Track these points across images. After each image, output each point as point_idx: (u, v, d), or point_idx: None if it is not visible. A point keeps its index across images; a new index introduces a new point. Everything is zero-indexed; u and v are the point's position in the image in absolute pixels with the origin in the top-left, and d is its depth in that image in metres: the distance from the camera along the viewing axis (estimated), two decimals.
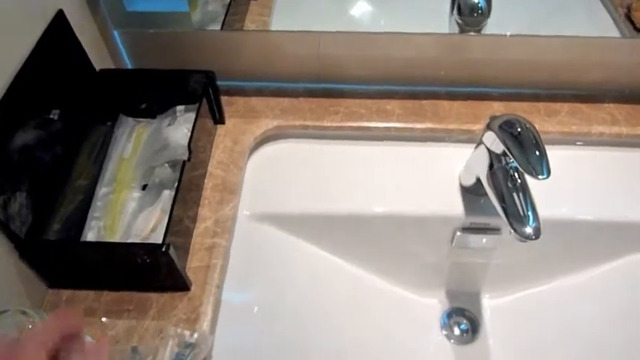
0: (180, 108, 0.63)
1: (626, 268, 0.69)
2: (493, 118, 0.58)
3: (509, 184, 0.55)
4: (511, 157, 0.52)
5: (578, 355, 0.68)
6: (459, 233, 0.68)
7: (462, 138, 0.71)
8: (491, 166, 0.58)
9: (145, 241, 0.55)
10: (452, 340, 0.73)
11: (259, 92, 0.74)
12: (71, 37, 0.57)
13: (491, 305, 0.76)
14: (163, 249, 0.48)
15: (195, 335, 0.51)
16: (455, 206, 0.66)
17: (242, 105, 0.72)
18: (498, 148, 0.56)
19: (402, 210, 0.66)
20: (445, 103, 0.73)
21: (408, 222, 0.67)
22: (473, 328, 0.75)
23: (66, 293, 0.55)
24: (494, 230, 0.67)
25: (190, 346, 0.50)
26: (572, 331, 0.70)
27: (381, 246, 0.70)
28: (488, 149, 0.58)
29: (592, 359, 0.67)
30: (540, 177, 0.49)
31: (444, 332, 0.74)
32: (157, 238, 0.52)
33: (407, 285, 0.74)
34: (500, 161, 0.57)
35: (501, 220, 0.64)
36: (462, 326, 0.75)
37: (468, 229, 0.67)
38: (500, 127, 0.55)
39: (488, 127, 0.57)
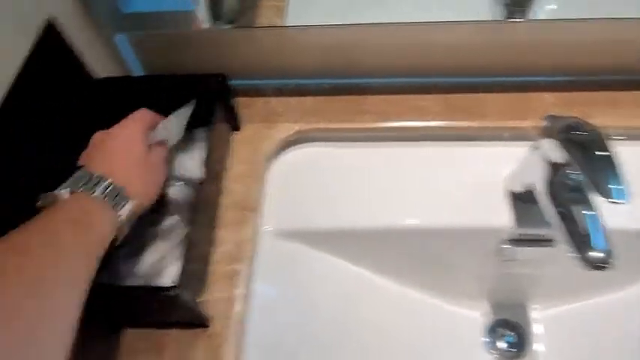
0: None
1: None
2: (551, 119, 0.50)
3: (574, 201, 0.48)
4: (577, 171, 0.45)
5: None
6: (506, 246, 0.60)
7: (508, 136, 0.62)
8: (549, 176, 0.51)
9: (154, 279, 0.49)
10: (496, 355, 0.67)
11: (279, 92, 0.66)
12: (64, 48, 0.50)
13: (539, 317, 0.69)
14: (172, 292, 0.42)
15: None
16: (502, 216, 0.59)
17: (260, 107, 0.65)
18: (559, 157, 0.48)
19: (442, 222, 0.59)
20: (488, 97, 0.64)
21: (448, 235, 0.60)
22: (519, 341, 0.68)
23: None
24: (547, 242, 0.60)
25: None
26: (626, 346, 0.64)
27: (420, 260, 0.63)
28: (545, 157, 0.50)
29: None
30: (617, 201, 0.41)
31: (488, 347, 0.67)
32: (167, 273, 0.46)
33: (446, 297, 0.68)
34: (560, 172, 0.49)
35: (555, 231, 0.57)
36: (508, 339, 0.69)
37: (517, 241, 0.60)
38: (561, 133, 0.47)
39: (547, 133, 0.49)
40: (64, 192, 0.39)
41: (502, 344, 0.68)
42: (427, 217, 0.60)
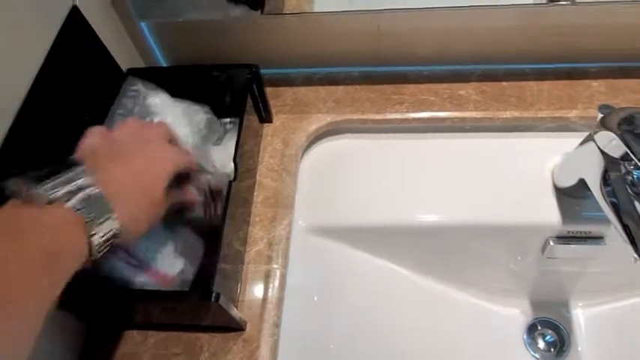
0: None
1: None
2: (605, 109, 0.47)
3: (635, 196, 0.44)
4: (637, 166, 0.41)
5: None
6: (552, 243, 0.57)
7: (554, 126, 0.59)
8: (604, 170, 0.47)
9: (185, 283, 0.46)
10: (536, 354, 0.64)
11: (308, 81, 0.63)
12: (90, 36, 0.48)
13: (581, 316, 0.66)
14: (213, 298, 0.40)
15: None
16: (548, 212, 0.55)
17: (290, 97, 0.62)
18: (617, 151, 0.45)
19: (483, 218, 0.56)
20: (532, 85, 0.60)
21: (489, 232, 0.57)
22: (560, 340, 0.65)
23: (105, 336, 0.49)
24: (596, 239, 0.56)
25: None
26: None
27: (458, 257, 0.60)
28: (601, 150, 0.47)
29: None
30: None
31: (528, 346, 0.65)
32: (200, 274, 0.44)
33: (486, 295, 0.65)
34: (619, 167, 0.46)
35: (605, 228, 0.53)
36: (548, 338, 0.66)
37: (564, 238, 0.57)
38: (621, 125, 0.43)
39: (603, 125, 0.45)
40: (41, 193, 0.30)
41: (542, 343, 0.65)
42: (467, 213, 0.56)
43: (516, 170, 0.58)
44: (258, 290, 0.50)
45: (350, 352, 0.55)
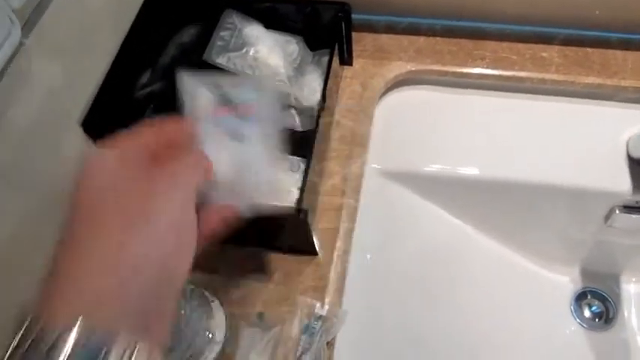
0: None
1: None
2: None
3: None
4: None
5: None
6: (617, 212, 0.58)
7: (635, 97, 0.59)
8: None
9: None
10: (582, 323, 0.65)
11: (390, 29, 0.64)
12: None
13: (633, 291, 0.66)
14: (300, 215, 0.42)
15: (327, 307, 0.46)
16: (619, 180, 0.56)
17: (370, 43, 0.63)
18: None
19: (551, 179, 0.57)
20: (618, 54, 0.60)
21: (557, 193, 0.58)
22: (606, 312, 0.66)
23: None
24: None
25: (321, 318, 0.46)
26: None
27: (521, 217, 0.61)
28: None
29: None
30: None
31: (574, 314, 0.66)
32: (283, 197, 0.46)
33: (539, 259, 0.66)
34: None
35: None
36: (595, 309, 0.67)
37: (630, 208, 0.57)
38: None
39: None
40: None
41: (588, 312, 0.66)
42: (536, 172, 0.57)
43: (591, 136, 0.58)
44: (331, 220, 0.52)
45: (402, 289, 0.57)
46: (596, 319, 0.66)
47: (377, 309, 0.54)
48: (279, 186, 0.43)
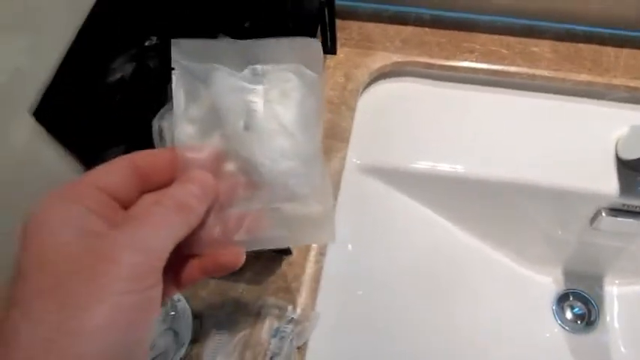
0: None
1: None
2: None
3: None
4: None
5: None
6: (604, 214, 0.56)
7: (626, 96, 0.57)
8: None
9: None
10: (563, 325, 0.64)
11: (376, 17, 0.61)
12: None
13: (615, 293, 0.65)
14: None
15: (299, 310, 0.44)
16: (607, 182, 0.54)
17: (355, 31, 0.60)
18: None
19: (536, 178, 0.55)
20: (610, 50, 0.58)
21: (543, 193, 0.56)
22: (588, 314, 0.65)
23: None
24: None
25: (292, 321, 0.44)
26: None
27: (505, 216, 0.60)
28: None
29: None
30: None
31: (555, 315, 0.65)
32: None
33: (521, 258, 0.64)
34: None
35: None
36: (577, 310, 0.66)
37: (617, 211, 0.56)
38: None
39: None
40: None
41: (570, 314, 0.65)
42: (521, 171, 0.55)
43: (580, 135, 0.56)
44: None
45: (383, 289, 0.56)
46: (578, 321, 0.65)
47: (352, 311, 0.52)
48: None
